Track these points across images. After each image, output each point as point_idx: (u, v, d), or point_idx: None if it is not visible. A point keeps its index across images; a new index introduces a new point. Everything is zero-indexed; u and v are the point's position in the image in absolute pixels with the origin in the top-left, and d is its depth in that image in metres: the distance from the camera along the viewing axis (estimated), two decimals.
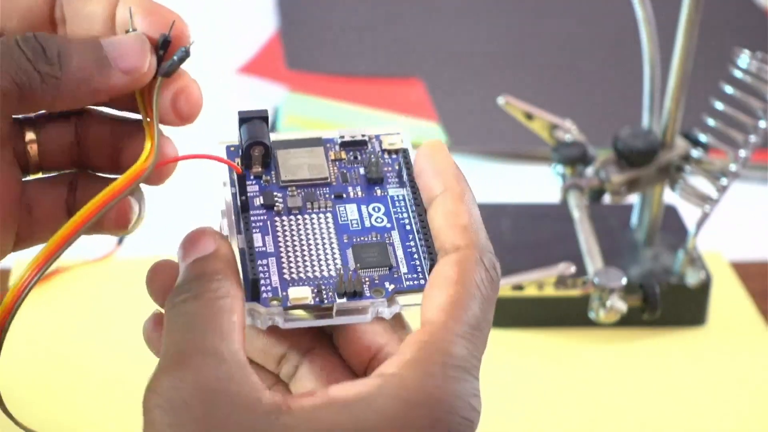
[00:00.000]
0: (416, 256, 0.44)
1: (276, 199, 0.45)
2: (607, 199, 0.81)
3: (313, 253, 0.44)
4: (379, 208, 0.46)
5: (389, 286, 0.43)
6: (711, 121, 0.79)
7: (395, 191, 0.46)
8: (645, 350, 0.79)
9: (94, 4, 0.44)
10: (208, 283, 0.41)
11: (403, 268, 0.44)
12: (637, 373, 0.77)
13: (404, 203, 0.46)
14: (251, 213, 0.45)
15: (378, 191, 0.46)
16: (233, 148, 0.46)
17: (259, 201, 0.45)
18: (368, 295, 0.43)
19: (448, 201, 0.44)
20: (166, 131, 0.45)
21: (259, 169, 0.46)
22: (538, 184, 0.93)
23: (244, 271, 0.43)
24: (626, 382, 0.76)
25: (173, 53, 0.44)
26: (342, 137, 0.48)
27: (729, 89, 0.79)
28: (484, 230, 0.43)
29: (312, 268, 0.44)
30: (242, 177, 0.45)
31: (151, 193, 0.47)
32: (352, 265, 0.44)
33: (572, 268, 0.75)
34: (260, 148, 0.45)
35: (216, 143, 0.47)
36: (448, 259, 0.43)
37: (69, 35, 0.44)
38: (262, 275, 0.43)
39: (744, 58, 0.78)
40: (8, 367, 0.73)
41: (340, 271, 0.43)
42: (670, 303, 0.78)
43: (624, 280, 0.74)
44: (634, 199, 0.85)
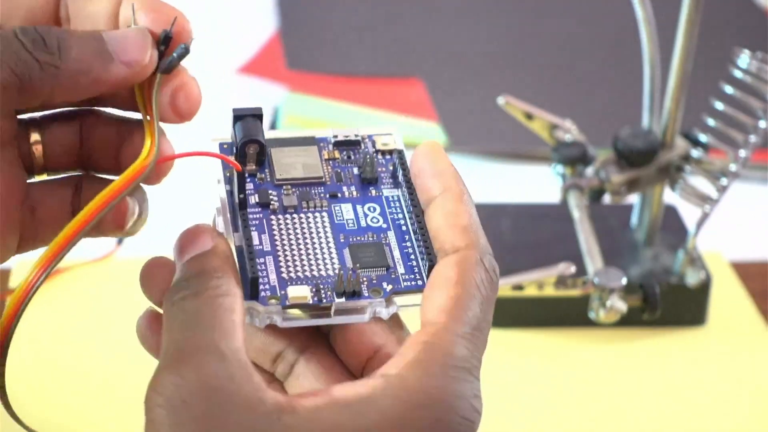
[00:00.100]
0: (413, 256, 0.44)
1: (271, 197, 0.45)
2: (607, 199, 0.81)
3: (311, 252, 0.44)
4: (375, 208, 0.46)
5: (387, 287, 0.43)
6: (711, 121, 0.79)
7: (390, 192, 0.46)
8: (645, 350, 0.79)
9: (98, 3, 0.44)
10: (207, 281, 0.41)
11: (401, 269, 0.44)
12: (637, 373, 0.77)
13: (399, 204, 0.46)
14: (247, 211, 0.45)
15: (373, 191, 0.46)
16: (226, 145, 0.46)
17: (254, 199, 0.45)
18: (366, 295, 0.43)
19: (447, 202, 0.44)
20: (165, 129, 0.44)
21: (253, 167, 0.46)
22: (538, 184, 0.93)
23: (242, 270, 0.42)
24: (626, 382, 0.76)
25: (174, 50, 0.44)
26: (335, 136, 0.47)
27: (729, 89, 0.78)
28: (483, 232, 0.43)
29: (310, 267, 0.44)
30: (242, 174, 0.44)
31: (151, 193, 0.47)
32: (350, 264, 0.44)
33: (572, 268, 0.75)
34: (255, 146, 0.45)
35: (209, 140, 0.46)
36: (448, 260, 0.42)
37: (79, 29, 0.44)
38: (260, 273, 0.43)
39: (744, 58, 0.78)
40: (8, 367, 0.73)
41: (339, 271, 0.43)
42: (670, 303, 0.78)
43: (624, 280, 0.74)
44: (634, 199, 0.85)
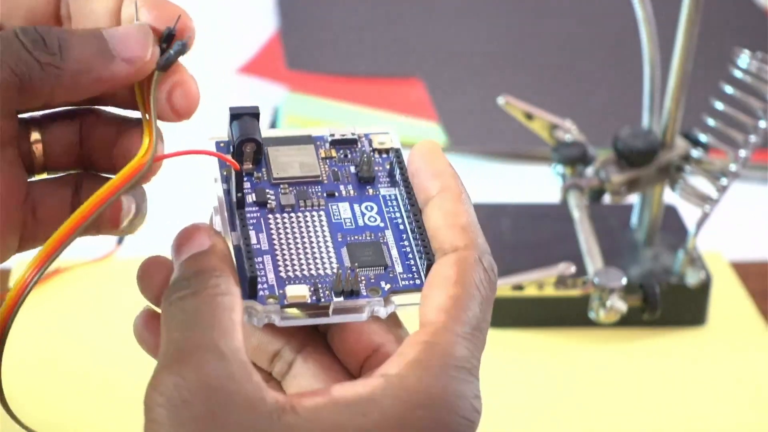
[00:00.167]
0: (411, 255, 0.44)
1: (268, 196, 0.45)
2: (607, 199, 0.81)
3: (308, 251, 0.44)
4: (372, 207, 0.46)
5: (385, 286, 0.43)
6: (711, 121, 0.79)
7: (387, 191, 0.46)
8: (645, 350, 0.79)
9: (100, 1, 0.44)
10: (206, 280, 0.41)
11: (399, 268, 0.44)
12: (637, 373, 0.77)
13: (396, 203, 0.46)
14: (245, 210, 0.44)
15: (370, 190, 0.46)
16: (223, 144, 0.46)
17: (251, 198, 0.45)
18: (365, 294, 0.43)
19: (446, 201, 0.43)
20: (165, 129, 0.44)
21: (250, 166, 0.45)
22: (538, 184, 0.93)
23: (240, 269, 0.42)
24: (626, 382, 0.76)
25: (172, 47, 0.43)
26: (332, 135, 0.47)
27: (729, 89, 0.78)
28: (481, 231, 0.43)
29: (308, 266, 0.43)
30: (239, 173, 0.44)
31: (150, 192, 0.46)
32: (348, 264, 0.44)
33: (572, 268, 0.75)
34: (252, 145, 0.45)
35: (205, 139, 0.46)
36: (447, 259, 0.42)
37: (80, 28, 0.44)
38: (259, 273, 0.43)
39: (744, 58, 0.78)
40: (8, 367, 0.73)
41: (337, 270, 0.43)
42: (670, 303, 0.78)
43: (624, 280, 0.74)
44: (634, 199, 0.84)
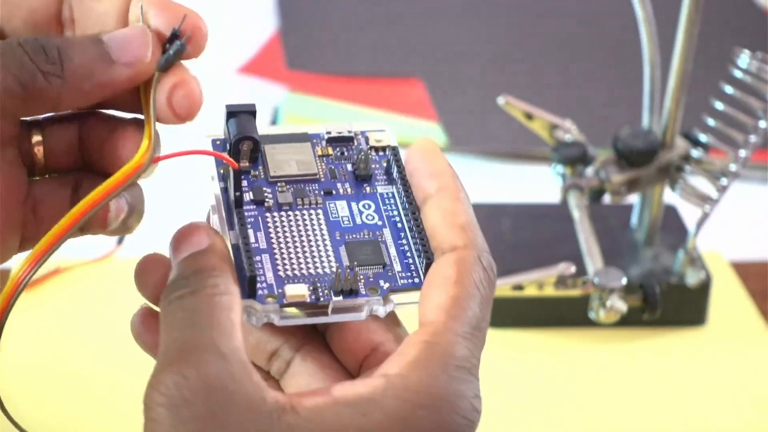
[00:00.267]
0: (409, 254, 0.44)
1: (266, 194, 0.45)
2: (607, 199, 0.81)
3: (306, 249, 0.44)
4: (369, 206, 0.45)
5: (384, 285, 0.43)
6: (711, 121, 0.79)
7: (384, 189, 0.46)
8: (645, 350, 0.79)
9: (107, 3, 0.44)
10: (205, 279, 0.40)
11: (397, 267, 0.44)
12: (637, 373, 0.77)
13: (394, 201, 0.46)
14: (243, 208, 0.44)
15: (367, 188, 0.46)
16: (219, 142, 0.46)
17: (248, 196, 0.45)
18: (364, 293, 0.43)
19: (444, 200, 0.43)
20: (164, 129, 0.44)
21: (247, 164, 0.45)
22: (538, 184, 0.93)
23: (239, 268, 0.42)
24: (626, 382, 0.76)
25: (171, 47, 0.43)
26: (329, 133, 0.47)
27: (729, 89, 0.78)
28: (480, 230, 0.43)
29: (306, 265, 0.43)
30: (238, 172, 0.44)
31: (148, 191, 0.46)
32: (347, 262, 0.43)
33: (572, 268, 0.75)
34: (249, 143, 0.45)
35: (202, 137, 0.46)
36: (446, 258, 0.42)
37: (79, 35, 0.44)
38: (257, 272, 0.42)
39: (744, 58, 0.78)
40: (8, 368, 0.73)
41: (337, 269, 0.43)
42: (670, 303, 0.78)
43: (624, 280, 0.74)
44: (634, 199, 0.85)
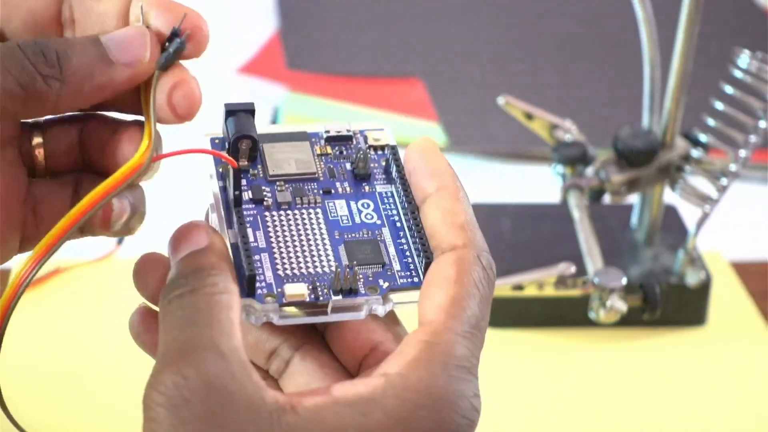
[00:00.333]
0: (408, 253, 0.44)
1: (265, 193, 0.45)
2: (607, 199, 0.81)
3: (306, 249, 0.44)
4: (368, 205, 0.45)
5: (383, 284, 0.43)
6: (711, 121, 0.79)
7: (383, 188, 0.46)
8: (645, 350, 0.79)
9: (107, 3, 0.44)
10: (204, 278, 0.40)
11: (396, 266, 0.44)
12: (637, 373, 0.77)
13: (393, 200, 0.46)
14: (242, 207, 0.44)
15: (366, 187, 0.46)
16: (217, 141, 0.46)
17: (247, 195, 0.45)
18: (363, 292, 0.43)
19: (443, 199, 0.43)
20: (164, 129, 0.44)
21: (246, 163, 0.45)
22: (538, 184, 0.93)
23: (238, 267, 0.42)
24: (626, 382, 0.76)
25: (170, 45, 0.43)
26: (327, 132, 0.47)
27: (729, 89, 0.78)
28: (479, 229, 0.43)
29: (305, 264, 0.43)
30: (237, 171, 0.44)
31: (148, 191, 0.46)
32: (346, 261, 0.43)
33: (572, 268, 0.75)
34: (248, 142, 0.45)
35: (201, 136, 0.46)
36: (445, 257, 0.42)
37: (79, 35, 0.44)
38: (257, 271, 0.42)
39: (744, 58, 0.78)
40: (8, 368, 0.73)
41: (336, 268, 0.43)
42: (670, 303, 0.78)
43: (624, 280, 0.74)
44: (634, 199, 0.84)
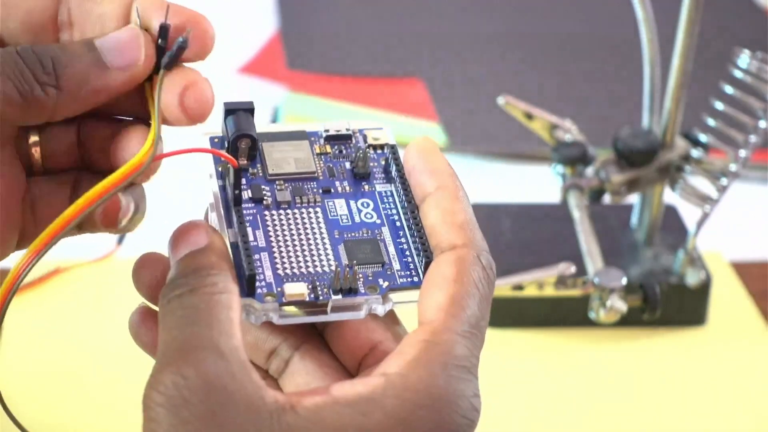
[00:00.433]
0: (408, 253, 0.44)
1: (264, 192, 0.45)
2: (607, 199, 0.81)
3: (305, 248, 0.44)
4: (368, 204, 0.45)
5: (383, 283, 0.43)
6: (711, 121, 0.79)
7: (382, 187, 0.46)
8: (645, 350, 0.79)
9: (107, 5, 0.44)
10: (204, 278, 0.40)
11: (396, 265, 0.44)
12: (637, 373, 0.77)
13: (392, 199, 0.45)
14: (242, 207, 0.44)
15: (365, 187, 0.46)
16: (217, 140, 0.46)
17: (247, 194, 0.45)
18: (363, 292, 0.43)
19: (443, 199, 0.43)
20: (165, 129, 0.44)
21: (245, 162, 0.45)
22: (538, 184, 0.93)
23: (237, 266, 0.42)
24: (626, 382, 0.76)
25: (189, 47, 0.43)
26: (326, 131, 0.47)
27: (729, 89, 0.78)
28: (479, 229, 0.43)
29: (305, 263, 0.43)
30: (237, 170, 0.44)
31: (149, 191, 0.46)
32: (346, 261, 0.43)
33: (572, 268, 0.75)
34: (247, 141, 0.45)
35: (200, 135, 0.46)
36: (445, 257, 0.42)
37: (78, 37, 0.44)
38: (257, 270, 0.42)
39: (744, 58, 0.78)
40: (8, 368, 0.73)
41: (336, 268, 0.43)
42: (670, 303, 0.78)
43: (624, 280, 0.74)
44: (634, 199, 0.85)
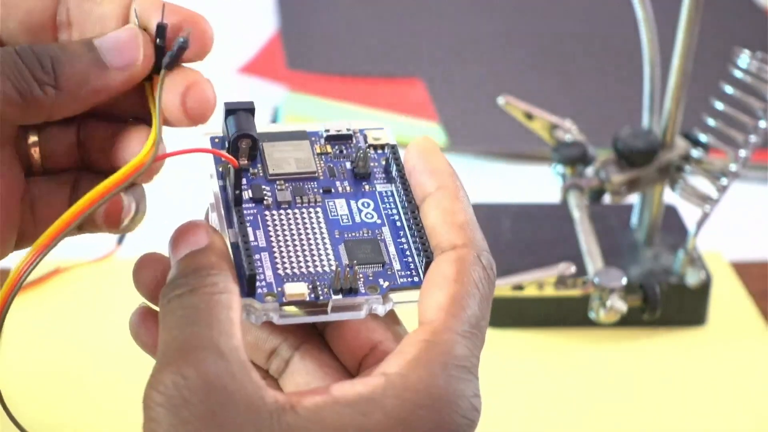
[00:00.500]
0: (408, 252, 0.44)
1: (265, 192, 0.45)
2: (607, 199, 0.81)
3: (306, 248, 0.44)
4: (368, 204, 0.45)
5: (384, 283, 0.43)
6: (711, 121, 0.79)
7: (383, 187, 0.46)
8: (645, 350, 0.79)
9: (107, 5, 0.44)
10: (204, 278, 0.40)
11: (396, 265, 0.44)
12: (637, 373, 0.77)
13: (393, 199, 0.46)
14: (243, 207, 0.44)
15: (366, 186, 0.46)
16: (217, 140, 0.46)
17: (247, 194, 0.45)
18: (363, 292, 0.43)
19: (443, 199, 0.43)
20: (165, 129, 0.44)
21: (246, 162, 0.45)
22: (538, 184, 0.93)
23: (238, 266, 0.42)
24: (626, 382, 0.76)
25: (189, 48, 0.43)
26: (327, 131, 0.47)
27: (729, 89, 0.78)
28: (479, 229, 0.43)
29: (306, 263, 0.43)
30: (238, 170, 0.44)
31: (148, 190, 0.46)
32: (346, 261, 0.43)
33: (572, 268, 0.75)
34: (247, 141, 0.45)
35: (200, 135, 0.46)
36: (445, 257, 0.42)
37: (77, 38, 0.44)
38: (257, 270, 0.42)
39: (744, 58, 0.78)
40: (8, 368, 0.73)
41: (336, 268, 0.43)
42: (670, 303, 0.78)
43: (624, 280, 0.74)
44: (634, 199, 0.84)
